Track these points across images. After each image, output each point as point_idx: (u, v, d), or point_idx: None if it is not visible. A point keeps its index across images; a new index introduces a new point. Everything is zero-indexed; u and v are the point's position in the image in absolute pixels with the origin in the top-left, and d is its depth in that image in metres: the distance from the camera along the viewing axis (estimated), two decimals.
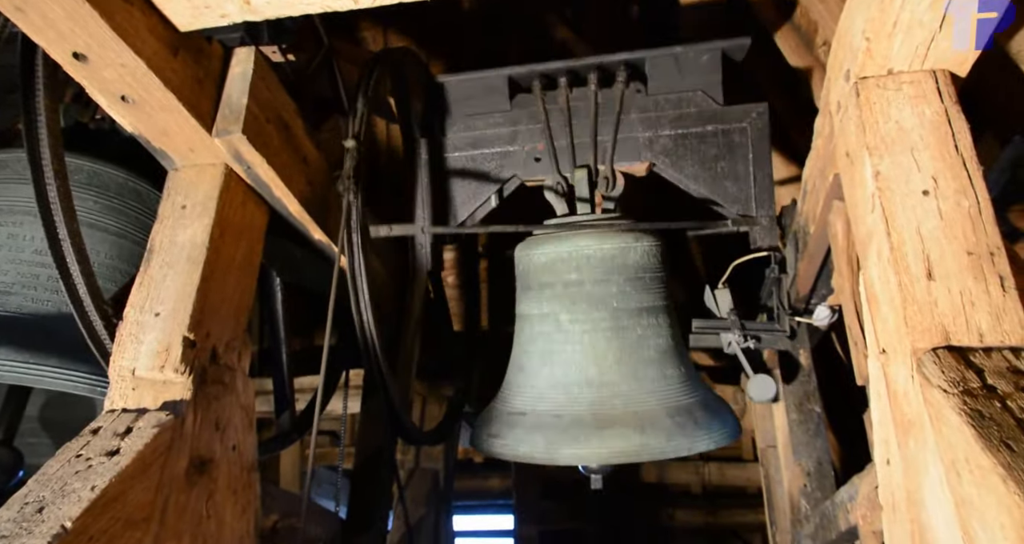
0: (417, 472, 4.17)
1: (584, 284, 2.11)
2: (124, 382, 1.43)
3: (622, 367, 2.04)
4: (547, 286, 2.17)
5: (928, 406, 1.03)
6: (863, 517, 1.72)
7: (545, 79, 2.31)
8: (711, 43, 2.22)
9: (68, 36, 1.24)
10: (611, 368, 2.04)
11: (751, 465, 5.73)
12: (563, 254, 2.16)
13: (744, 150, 2.25)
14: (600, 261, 2.12)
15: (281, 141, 1.74)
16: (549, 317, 2.15)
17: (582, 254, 2.14)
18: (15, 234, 1.72)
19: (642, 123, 2.30)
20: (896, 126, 1.29)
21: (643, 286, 2.14)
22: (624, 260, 2.13)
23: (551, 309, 2.15)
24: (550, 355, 2.12)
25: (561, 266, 2.16)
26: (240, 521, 1.57)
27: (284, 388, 2.41)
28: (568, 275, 2.14)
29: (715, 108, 2.26)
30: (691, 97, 2.27)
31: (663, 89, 2.28)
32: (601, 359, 2.04)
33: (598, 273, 2.12)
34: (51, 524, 1.05)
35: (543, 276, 2.19)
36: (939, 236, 1.18)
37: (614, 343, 2.06)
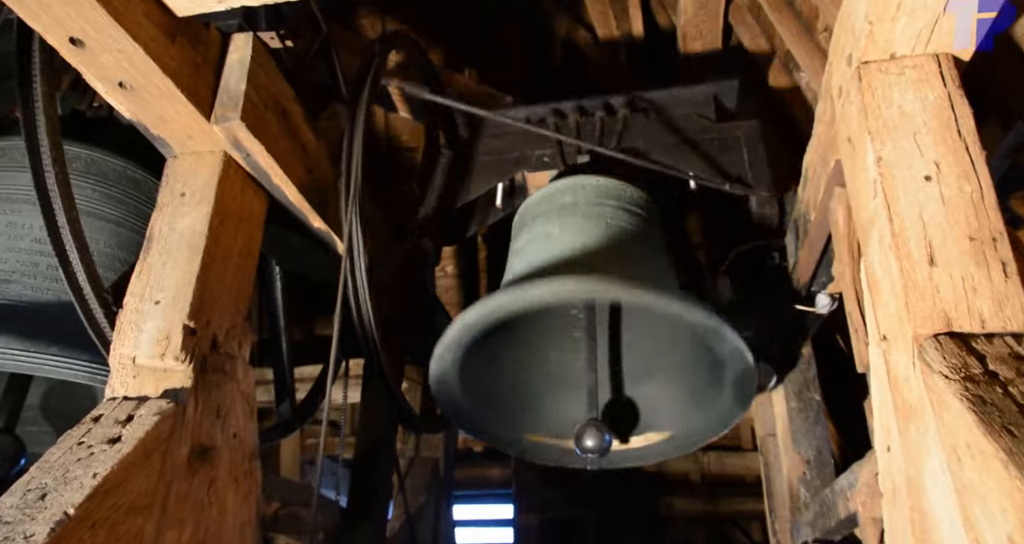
0: (417, 461, 4.18)
1: (578, 205, 2.09)
2: (125, 370, 1.43)
3: (610, 255, 1.97)
4: (540, 214, 2.14)
5: (929, 392, 1.03)
6: (863, 504, 1.72)
7: (557, 113, 2.56)
8: (705, 86, 2.55)
9: (64, 21, 1.23)
10: (598, 253, 1.95)
11: (750, 454, 5.76)
12: (559, 186, 2.17)
13: (738, 148, 2.39)
14: (595, 188, 2.12)
15: (280, 128, 1.73)
16: (541, 236, 2.07)
17: (577, 183, 2.15)
18: (14, 222, 1.71)
19: (643, 137, 2.48)
20: (898, 111, 1.28)
21: (638, 219, 2.11)
22: (619, 192, 2.13)
23: (544, 229, 2.07)
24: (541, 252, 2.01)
25: (556, 195, 2.15)
26: (242, 508, 1.57)
27: (284, 377, 2.41)
28: (563, 199, 2.11)
29: (709, 124, 2.46)
30: (688, 117, 2.49)
31: (662, 116, 2.52)
32: (589, 245, 1.96)
33: (592, 196, 2.10)
34: (54, 510, 1.05)
35: (537, 208, 2.17)
36: (941, 222, 1.17)
37: (605, 240, 1.99)
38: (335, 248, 2.08)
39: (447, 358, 1.82)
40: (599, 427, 1.77)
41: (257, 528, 1.67)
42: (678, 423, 2.02)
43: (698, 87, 2.53)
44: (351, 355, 2.70)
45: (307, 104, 1.95)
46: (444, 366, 1.84)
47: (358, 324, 2.03)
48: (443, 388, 1.89)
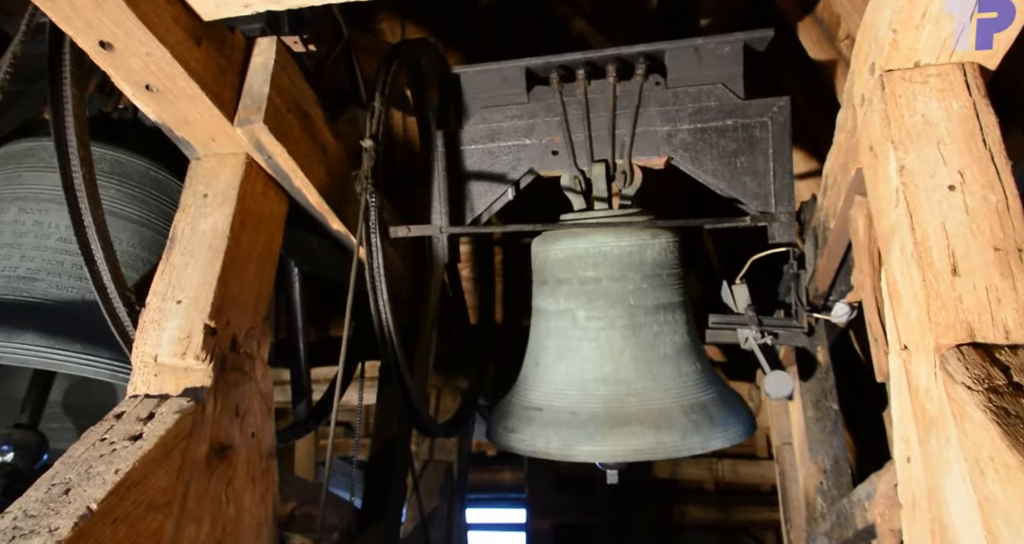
0: (431, 464, 4.19)
1: (601, 281, 2.12)
2: (147, 368, 1.45)
3: (638, 364, 2.05)
4: (564, 282, 2.18)
5: (951, 403, 1.02)
6: (881, 515, 1.71)
7: (563, 71, 2.28)
8: (732, 35, 2.18)
9: (95, 25, 1.25)
10: (627, 365, 2.04)
11: (765, 462, 5.70)
12: (580, 251, 2.16)
13: (764, 145, 2.22)
14: (617, 258, 2.13)
15: (301, 131, 1.75)
16: (566, 313, 2.16)
17: (599, 251, 2.14)
18: (40, 221, 1.75)
19: (661, 116, 2.27)
20: (922, 120, 1.27)
21: (660, 283, 2.14)
22: (641, 257, 2.13)
23: (568, 305, 2.16)
24: (566, 351, 2.13)
25: (578, 263, 2.16)
26: (259, 507, 1.59)
27: (301, 378, 2.43)
28: (585, 272, 2.14)
29: (735, 102, 2.22)
30: (711, 90, 2.24)
31: (683, 82, 2.25)
32: (617, 356, 2.05)
33: (615, 270, 2.12)
34: (77, 505, 1.07)
35: (560, 272, 2.20)
36: (965, 232, 1.16)
37: (630, 340, 2.06)
38: (353, 250, 2.09)
39: None
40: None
41: (273, 527, 1.68)
42: None
43: (725, 36, 2.17)
44: (367, 357, 2.73)
45: (328, 107, 1.97)
46: None
47: (376, 326, 2.04)
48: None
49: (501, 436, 2.13)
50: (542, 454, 2.02)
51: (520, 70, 2.33)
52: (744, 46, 2.19)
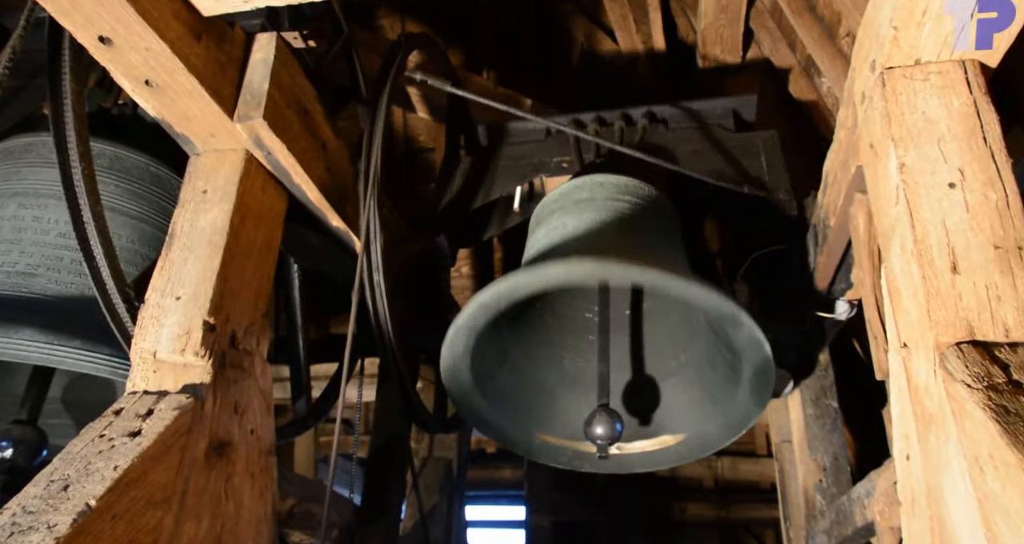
0: (430, 461, 4.19)
1: (596, 200, 2.07)
2: (146, 364, 1.45)
3: (626, 241, 1.98)
4: (557, 210, 2.12)
5: (951, 401, 1.02)
6: (880, 513, 1.71)
7: (577, 123, 2.60)
8: (723, 100, 2.61)
9: (95, 20, 1.25)
10: (614, 239, 1.97)
11: (764, 460, 5.71)
12: (576, 183, 2.15)
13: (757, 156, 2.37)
14: (613, 185, 2.11)
15: (301, 127, 1.75)
16: (557, 227, 2.05)
17: (595, 181, 2.13)
18: (40, 217, 1.74)
19: (663, 148, 2.48)
20: (923, 117, 1.27)
21: (655, 216, 2.10)
22: (637, 190, 2.12)
23: (560, 221, 2.06)
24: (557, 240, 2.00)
25: (573, 192, 2.13)
26: (258, 504, 1.59)
27: (300, 375, 2.43)
28: (580, 195, 2.10)
29: (728, 135, 2.48)
30: (707, 128, 2.52)
31: (681, 127, 2.58)
32: (606, 232, 1.96)
33: (610, 192, 2.09)
34: (76, 502, 1.07)
35: (554, 204, 2.16)
36: (965, 229, 1.16)
37: (622, 226, 1.99)
38: (353, 247, 2.09)
39: (459, 343, 1.78)
40: (610, 414, 1.71)
41: (273, 524, 1.68)
42: (694, 425, 2.01)
43: (717, 101, 2.60)
44: (366, 354, 2.72)
45: (328, 103, 1.97)
46: (456, 352, 1.79)
47: (374, 323, 2.04)
48: (454, 377, 1.86)
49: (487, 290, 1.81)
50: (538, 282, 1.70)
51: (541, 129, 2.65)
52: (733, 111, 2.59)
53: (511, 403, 2.06)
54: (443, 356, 1.80)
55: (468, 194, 2.58)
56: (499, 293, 1.67)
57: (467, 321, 1.73)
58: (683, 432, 2.02)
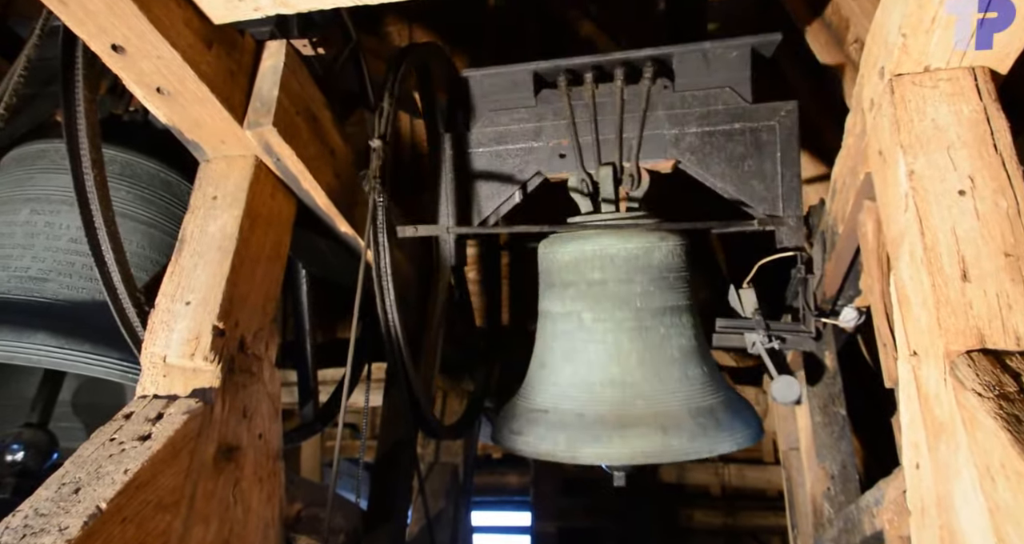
0: (437, 467, 4.18)
1: (608, 283, 2.12)
2: (155, 369, 1.46)
3: (644, 367, 2.05)
4: (570, 284, 2.18)
5: (961, 409, 1.02)
6: (890, 521, 1.70)
7: (571, 74, 2.28)
8: (740, 39, 2.19)
9: (108, 29, 1.26)
10: (634, 368, 2.04)
11: (771, 467, 5.68)
12: (587, 253, 2.16)
13: (772, 148, 2.21)
14: (624, 261, 2.12)
15: (310, 133, 1.76)
16: (572, 315, 2.15)
17: (606, 253, 2.14)
18: (52, 222, 1.76)
19: (669, 120, 2.27)
20: (932, 124, 1.27)
21: (667, 285, 2.14)
22: (648, 260, 2.13)
23: (574, 307, 2.15)
24: (573, 353, 2.12)
25: (585, 265, 2.16)
26: (266, 508, 1.60)
27: (308, 380, 2.43)
28: (591, 274, 2.14)
29: (743, 105, 2.22)
30: (719, 94, 2.24)
31: (691, 86, 2.25)
32: (624, 358, 2.05)
33: (622, 272, 2.12)
34: (87, 505, 1.08)
35: (566, 275, 2.20)
36: (975, 237, 1.16)
37: (637, 343, 2.06)
38: (361, 252, 2.10)
39: None
40: None
41: (280, 528, 1.69)
42: None
43: (733, 40, 2.19)
44: (374, 359, 2.73)
45: (336, 110, 1.98)
46: None
47: (383, 328, 2.05)
48: None
49: (507, 438, 2.13)
50: (548, 456, 2.02)
51: (528, 73, 2.33)
52: (752, 50, 2.20)
53: None
54: None
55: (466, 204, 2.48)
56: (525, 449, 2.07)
57: None
58: None
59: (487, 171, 2.43)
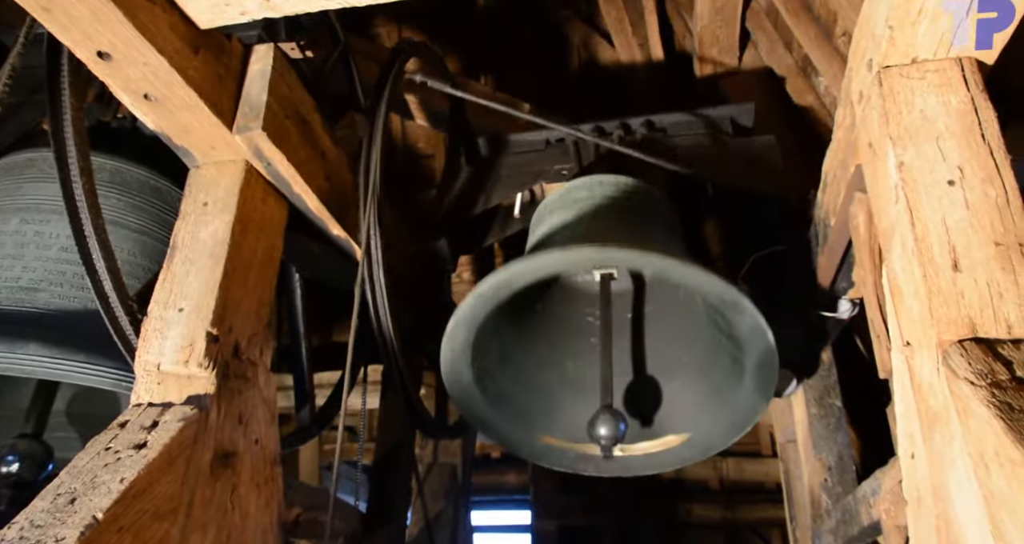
0: (435, 467, 4.18)
1: (595, 197, 2.07)
2: (150, 377, 1.45)
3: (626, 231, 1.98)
4: (556, 209, 2.12)
5: (955, 399, 1.02)
6: (886, 512, 1.70)
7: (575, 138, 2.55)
8: (722, 108, 2.63)
9: (93, 35, 1.25)
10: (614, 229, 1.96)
11: (769, 460, 5.70)
12: (576, 184, 2.14)
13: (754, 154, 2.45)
14: (612, 184, 2.11)
15: (300, 137, 1.75)
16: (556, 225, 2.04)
17: (594, 180, 2.13)
18: (41, 232, 1.75)
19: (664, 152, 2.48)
20: (920, 115, 1.27)
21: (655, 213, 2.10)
22: (636, 188, 2.12)
23: (559, 219, 2.05)
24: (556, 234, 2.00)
25: (573, 191, 2.13)
26: (264, 513, 1.59)
27: (304, 383, 2.43)
28: (579, 194, 2.10)
29: (726, 139, 2.50)
30: (705, 135, 2.53)
31: (680, 134, 2.59)
32: (605, 224, 1.96)
33: (609, 190, 2.09)
34: (83, 515, 1.07)
35: (553, 205, 2.16)
36: (965, 227, 1.16)
37: (621, 219, 2.00)
38: (354, 255, 2.10)
39: (459, 337, 1.74)
40: (614, 414, 1.68)
41: (278, 533, 1.68)
42: (698, 424, 2.00)
43: (715, 110, 2.62)
44: (369, 361, 2.73)
45: (326, 113, 1.97)
46: (456, 346, 1.76)
47: (376, 330, 2.05)
48: (454, 372, 1.82)
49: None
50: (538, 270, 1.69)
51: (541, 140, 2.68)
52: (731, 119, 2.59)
53: (512, 404, 2.05)
54: (443, 350, 1.77)
55: (468, 201, 2.59)
56: (498, 283, 1.64)
57: (467, 313, 1.69)
58: (687, 432, 2.02)
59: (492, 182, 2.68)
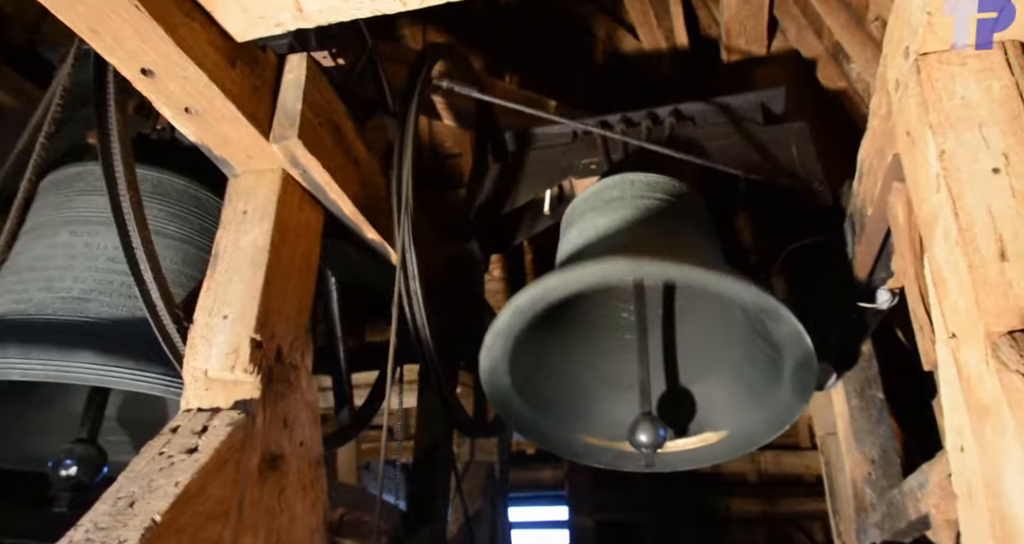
0: (472, 465, 4.22)
1: (626, 198, 2.07)
2: (198, 383, 1.49)
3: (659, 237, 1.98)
4: (588, 210, 2.12)
5: (1006, 392, 1.00)
6: (935, 506, 1.68)
7: (603, 124, 2.58)
8: (752, 94, 2.56)
9: (137, 54, 1.29)
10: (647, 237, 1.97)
11: (808, 453, 5.63)
12: (607, 183, 2.14)
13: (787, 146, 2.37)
14: (643, 183, 2.10)
15: (334, 144, 1.78)
16: (589, 228, 2.04)
17: (625, 180, 2.12)
18: (90, 243, 1.80)
19: (691, 143, 2.46)
20: (961, 102, 1.25)
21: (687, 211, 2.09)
22: (668, 187, 2.10)
23: (591, 222, 2.05)
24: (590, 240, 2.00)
25: (604, 191, 2.13)
26: (311, 515, 1.62)
27: (342, 385, 2.47)
28: (610, 194, 2.10)
29: (756, 128, 2.46)
30: (735, 123, 2.49)
31: (709, 122, 2.56)
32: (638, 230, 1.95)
33: (640, 189, 2.08)
34: (142, 518, 1.11)
35: (584, 205, 2.16)
36: (1012, 215, 1.14)
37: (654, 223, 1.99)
38: (388, 258, 2.12)
39: (497, 348, 1.77)
40: (653, 421, 1.72)
41: (324, 533, 1.72)
42: (736, 421, 1.99)
43: (745, 96, 2.56)
44: (405, 361, 2.76)
45: (357, 118, 2.00)
46: (495, 356, 1.79)
47: (412, 332, 2.07)
48: (493, 381, 1.85)
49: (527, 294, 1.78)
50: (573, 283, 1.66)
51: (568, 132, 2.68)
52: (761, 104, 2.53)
53: (551, 405, 2.06)
54: (481, 361, 1.80)
55: (498, 199, 2.60)
56: (534, 296, 1.67)
57: (504, 326, 1.73)
58: (725, 429, 2.01)
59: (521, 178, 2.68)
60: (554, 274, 1.67)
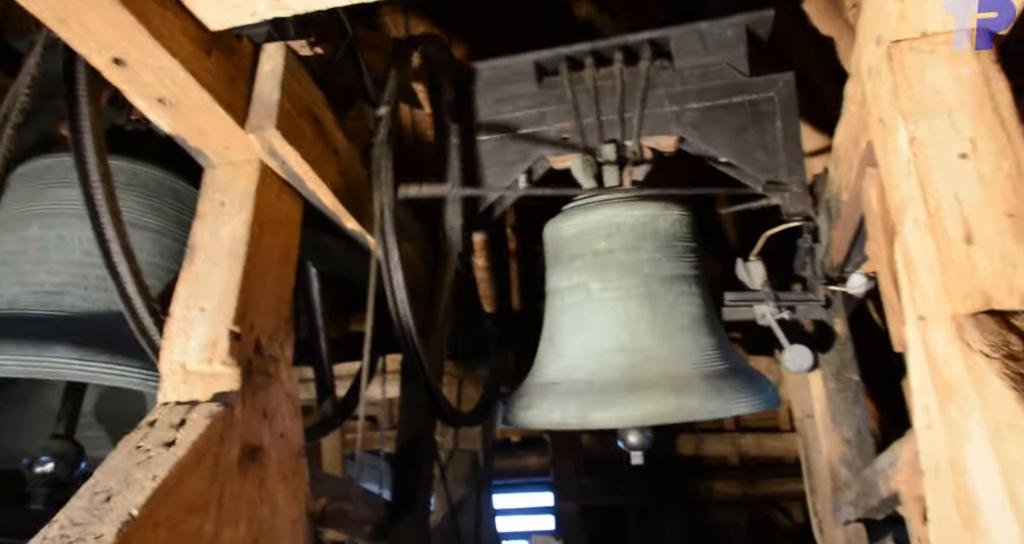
0: (456, 453, 4.24)
1: (615, 252, 2.10)
2: (175, 376, 1.48)
3: (655, 333, 2.02)
4: (577, 256, 2.15)
5: (970, 371, 1.03)
6: (905, 483, 1.72)
7: (571, 61, 2.35)
8: (735, 17, 2.24)
9: (108, 43, 1.27)
10: (644, 334, 2.01)
11: (788, 435, 5.71)
12: (592, 223, 2.15)
13: (772, 119, 2.25)
14: (630, 229, 2.11)
15: (313, 134, 1.77)
16: (579, 287, 2.12)
17: (612, 222, 2.13)
18: (63, 236, 1.78)
19: (669, 98, 2.31)
20: (931, 89, 1.27)
21: (674, 253, 2.12)
22: (654, 227, 2.12)
23: (581, 279, 2.12)
24: (581, 325, 2.09)
25: (591, 235, 2.14)
26: (292, 505, 1.63)
27: (324, 376, 2.47)
28: (598, 244, 2.12)
29: (741, 79, 2.26)
30: (717, 70, 2.29)
31: (689, 64, 2.30)
32: (634, 325, 2.02)
33: (628, 240, 2.10)
34: (119, 512, 1.11)
35: (572, 247, 2.18)
36: (978, 199, 1.16)
37: (646, 309, 2.03)
38: (369, 247, 2.12)
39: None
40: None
41: (307, 524, 1.73)
42: None
43: (728, 19, 2.24)
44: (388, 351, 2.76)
45: (336, 106, 1.99)
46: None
47: (395, 321, 2.07)
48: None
49: (518, 414, 2.10)
50: (558, 424, 1.99)
51: (530, 63, 2.40)
52: (747, 28, 2.25)
53: None
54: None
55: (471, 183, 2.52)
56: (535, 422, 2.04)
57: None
58: None
59: (493, 158, 2.47)
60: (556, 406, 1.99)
